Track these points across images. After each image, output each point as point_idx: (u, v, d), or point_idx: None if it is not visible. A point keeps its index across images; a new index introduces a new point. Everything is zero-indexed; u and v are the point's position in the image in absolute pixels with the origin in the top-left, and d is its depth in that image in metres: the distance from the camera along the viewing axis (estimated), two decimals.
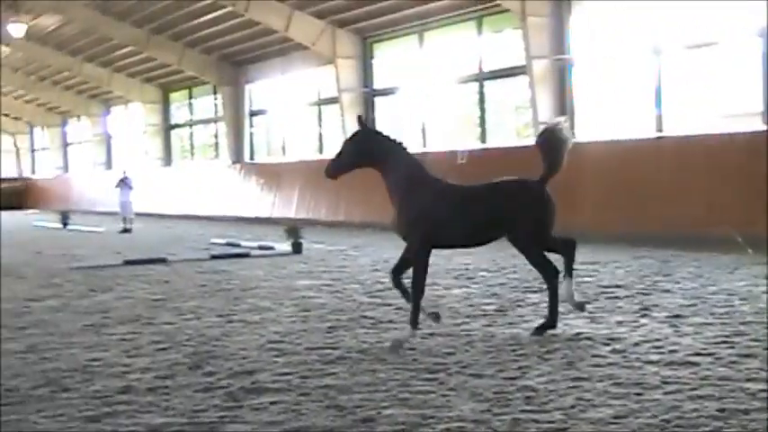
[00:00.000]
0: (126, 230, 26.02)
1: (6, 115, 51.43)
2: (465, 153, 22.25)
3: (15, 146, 53.54)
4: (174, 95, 39.01)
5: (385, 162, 8.33)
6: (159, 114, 39.02)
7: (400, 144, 8.41)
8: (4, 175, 51.05)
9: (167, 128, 39.30)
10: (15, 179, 51.68)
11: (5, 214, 41.28)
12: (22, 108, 49.77)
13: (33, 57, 39.17)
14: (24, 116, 51.25)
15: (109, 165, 43.82)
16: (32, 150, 53.73)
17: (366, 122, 8.87)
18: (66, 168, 49.10)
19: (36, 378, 7.24)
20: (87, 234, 26.41)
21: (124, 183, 27.01)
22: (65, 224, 29.28)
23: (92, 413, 6.13)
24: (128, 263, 16.37)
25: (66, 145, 49.46)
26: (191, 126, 38.78)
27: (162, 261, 16.63)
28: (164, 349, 8.32)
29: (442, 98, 25.04)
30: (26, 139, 53.61)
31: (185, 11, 29.27)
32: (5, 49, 38.18)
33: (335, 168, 8.53)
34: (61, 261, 17.46)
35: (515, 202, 8.21)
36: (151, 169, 38.41)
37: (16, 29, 32.97)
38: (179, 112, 39.50)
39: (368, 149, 8.37)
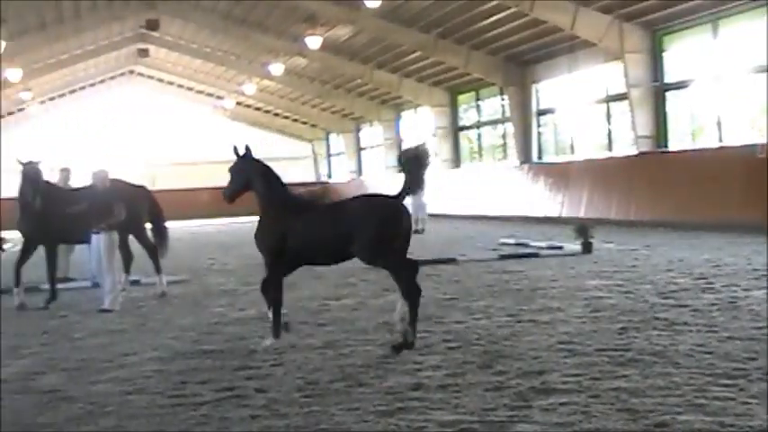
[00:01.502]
0: (417, 231, 26.59)
1: (304, 123, 54.31)
2: (765, 147, 21.00)
3: (313, 152, 56.37)
4: (461, 98, 39.56)
5: (257, 186, 9.14)
6: (448, 117, 39.69)
7: (269, 169, 9.26)
8: (302, 180, 53.91)
9: (456, 130, 39.92)
10: (313, 183, 54.39)
11: None
12: (318, 115, 52.33)
13: (328, 66, 41.03)
14: (321, 123, 53.87)
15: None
16: (329, 155, 56.38)
17: (246, 151, 9.51)
18: (359, 172, 51.11)
19: (334, 372, 7.56)
20: None
21: None
22: None
23: (385, 408, 6.31)
24: (419, 263, 16.71)
25: (359, 149, 51.50)
26: (478, 127, 39.18)
27: (452, 261, 16.90)
28: (454, 348, 8.44)
29: (739, 90, 23.75)
30: (323, 145, 56.34)
31: (471, 13, 29.60)
32: (302, 60, 40.28)
33: (228, 194, 9.42)
34: (356, 261, 18.09)
35: (359, 219, 8.46)
36: (440, 171, 39.16)
37: (313, 41, 34.71)
38: (467, 114, 40.02)
39: (245, 176, 9.23)
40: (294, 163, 54.52)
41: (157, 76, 51.85)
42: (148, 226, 14.62)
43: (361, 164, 51.41)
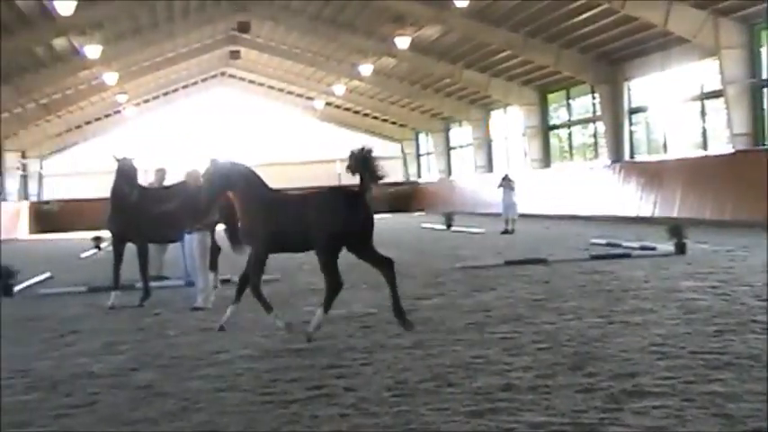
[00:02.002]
0: (506, 231, 26.43)
1: (393, 123, 54.45)
2: None
3: (402, 152, 56.48)
4: (551, 97, 39.21)
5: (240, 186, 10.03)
6: (537, 116, 39.37)
7: (250, 169, 10.20)
8: (392, 180, 54.08)
9: (545, 129, 39.58)
10: (403, 183, 54.50)
11: (394, 216, 43.70)
12: (407, 116, 52.42)
13: (417, 66, 41.07)
14: (410, 123, 53.95)
15: (489, 167, 44.92)
16: (418, 155, 56.43)
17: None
18: (449, 172, 51.04)
19: (423, 372, 7.55)
20: (470, 235, 27.21)
21: (507, 184, 27.22)
22: (449, 225, 30.37)
23: (474, 408, 6.28)
24: (508, 263, 16.65)
25: (449, 149, 51.42)
26: (569, 127, 38.78)
27: (542, 261, 16.75)
28: (544, 349, 8.35)
29: None
30: (412, 145, 56.41)
31: (560, 12, 29.32)
32: (391, 61, 40.39)
33: (205, 202, 10.47)
34: (445, 261, 18.12)
35: (316, 211, 9.44)
36: (530, 171, 38.87)
37: (402, 41, 34.79)
38: (557, 113, 39.65)
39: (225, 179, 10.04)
40: (383, 163, 54.59)
41: (248, 78, 52.56)
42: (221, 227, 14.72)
43: (450, 164, 51.32)
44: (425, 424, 6.01)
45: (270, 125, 54.41)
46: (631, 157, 32.61)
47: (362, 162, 9.54)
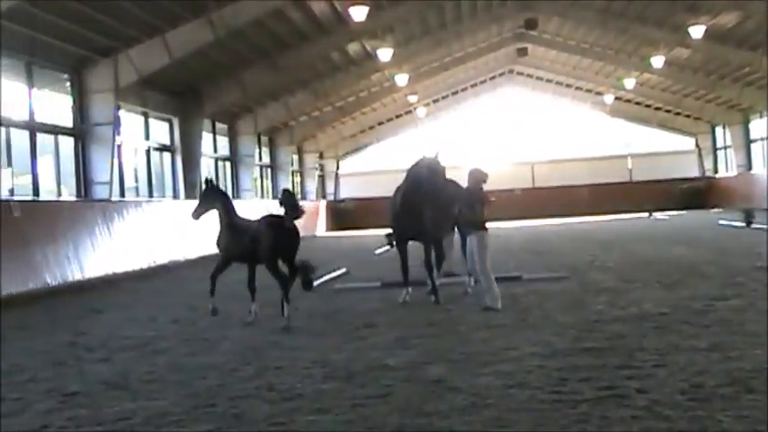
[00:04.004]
0: None
1: (687, 116, 52.38)
2: None
3: (697, 146, 54.22)
4: None
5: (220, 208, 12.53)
6: None
7: (227, 197, 12.90)
8: (685, 175, 52.10)
9: None
10: (697, 179, 52.36)
11: (688, 213, 42.06)
12: (702, 108, 50.25)
13: (713, 56, 39.28)
14: (705, 116, 51.68)
15: None
16: (714, 149, 53.93)
17: (211, 184, 13.20)
18: (749, 166, 48.40)
19: (720, 376, 7.21)
20: None
21: None
22: (748, 223, 28.79)
23: None
24: None
25: (749, 142, 48.74)
26: None
27: None
28: None
29: None
30: (707, 139, 53.99)
31: None
32: (685, 51, 38.84)
33: (195, 213, 12.79)
34: (745, 260, 17.19)
35: (259, 233, 11.84)
36: None
37: (696, 30, 33.36)
38: None
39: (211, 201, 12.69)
40: (677, 158, 52.87)
41: (536, 75, 52.42)
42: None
43: (750, 158, 48.62)
44: (724, 431, 5.74)
45: (558, 122, 53.99)
46: None
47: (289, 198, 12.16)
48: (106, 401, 7.54)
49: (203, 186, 13.64)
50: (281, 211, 12.06)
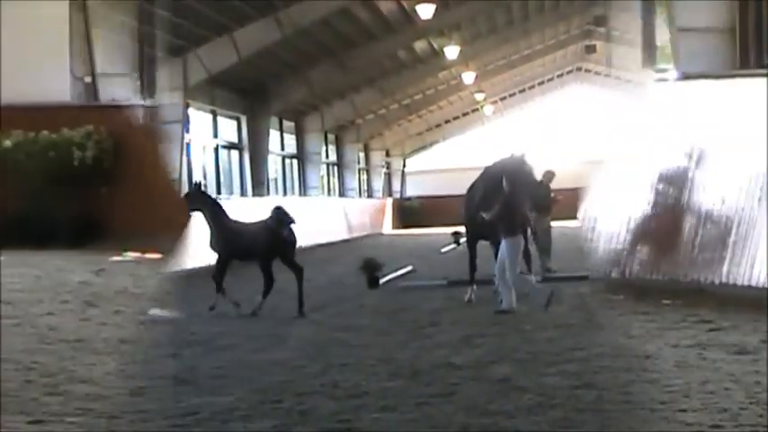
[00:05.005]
0: None
1: None
2: None
3: None
4: None
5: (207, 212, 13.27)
6: None
7: (216, 201, 13.83)
8: None
9: None
10: None
11: None
12: None
13: None
14: None
15: None
16: None
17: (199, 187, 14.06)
18: None
19: None
20: None
21: None
22: None
23: None
24: None
25: None
26: None
27: None
28: None
29: None
30: None
31: None
32: None
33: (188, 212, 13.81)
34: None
35: (256, 236, 12.68)
36: None
37: None
38: None
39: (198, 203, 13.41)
40: None
41: (604, 72, 51.77)
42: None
43: None
44: None
45: (625, 120, 53.22)
46: None
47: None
48: (173, 396, 7.61)
49: (187, 191, 14.91)
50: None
